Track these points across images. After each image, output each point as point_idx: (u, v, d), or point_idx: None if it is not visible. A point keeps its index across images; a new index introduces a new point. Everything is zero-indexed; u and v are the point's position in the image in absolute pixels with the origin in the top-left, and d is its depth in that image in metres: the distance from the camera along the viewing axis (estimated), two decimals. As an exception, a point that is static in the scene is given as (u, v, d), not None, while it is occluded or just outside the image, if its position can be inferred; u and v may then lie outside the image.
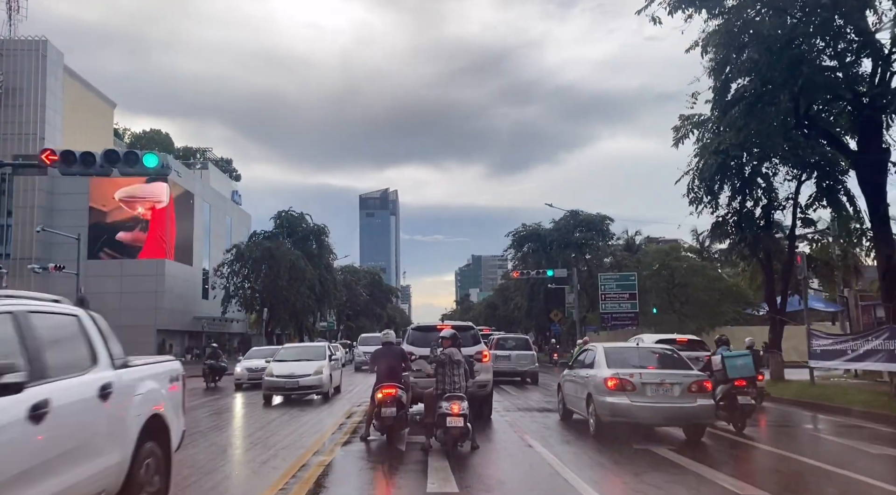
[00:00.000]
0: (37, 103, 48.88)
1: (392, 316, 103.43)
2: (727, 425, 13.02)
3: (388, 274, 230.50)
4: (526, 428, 13.13)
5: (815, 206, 21.78)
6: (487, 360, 14.26)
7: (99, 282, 47.29)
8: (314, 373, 18.97)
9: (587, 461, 9.84)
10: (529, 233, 57.99)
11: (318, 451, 10.58)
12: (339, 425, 13.79)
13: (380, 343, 12.68)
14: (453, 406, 9.86)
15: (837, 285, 28.07)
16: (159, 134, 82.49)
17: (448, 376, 10.46)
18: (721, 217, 22.25)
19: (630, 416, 11.21)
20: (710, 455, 10.55)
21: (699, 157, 21.34)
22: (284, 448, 11.00)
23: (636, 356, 12.65)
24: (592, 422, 11.85)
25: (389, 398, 11.04)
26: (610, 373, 11.51)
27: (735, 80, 16.36)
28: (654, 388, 11.22)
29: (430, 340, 12.07)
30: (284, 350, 21.92)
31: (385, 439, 11.31)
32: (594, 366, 12.36)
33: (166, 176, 17.88)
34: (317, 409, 17.20)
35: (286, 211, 56.07)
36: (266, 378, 19.05)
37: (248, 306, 52.79)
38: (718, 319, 43.11)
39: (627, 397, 11.15)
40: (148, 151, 17.03)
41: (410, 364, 12.17)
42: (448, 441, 9.82)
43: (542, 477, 8.73)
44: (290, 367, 19.24)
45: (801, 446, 11.91)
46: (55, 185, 50.60)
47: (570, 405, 13.77)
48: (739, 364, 13.45)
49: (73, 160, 16.48)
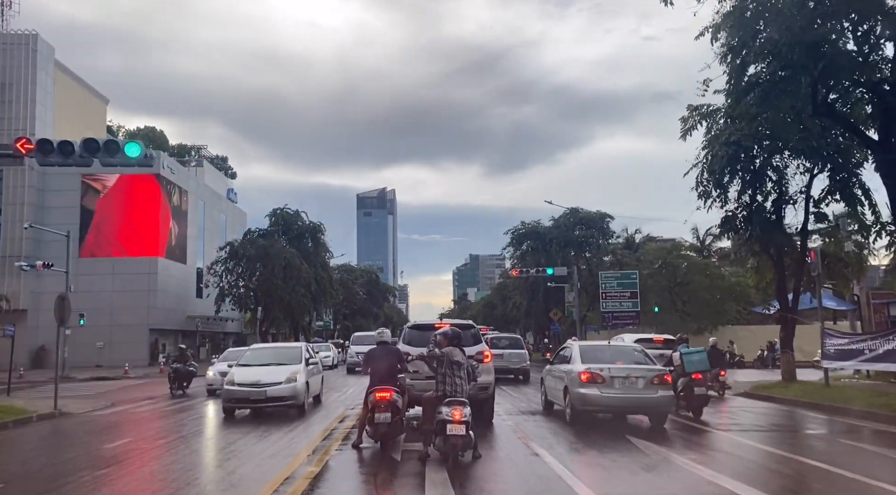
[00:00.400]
0: (27, 98, 47.73)
1: (389, 315, 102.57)
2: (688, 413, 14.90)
3: (385, 273, 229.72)
4: (530, 433, 12.27)
5: (828, 201, 20.95)
6: (489, 361, 13.37)
7: (91, 281, 46.30)
8: (286, 381, 15.40)
9: (601, 473, 9.00)
10: (529, 231, 57.18)
11: (305, 462, 9.71)
12: (331, 430, 12.90)
13: (374, 342, 11.68)
14: (455, 412, 8.92)
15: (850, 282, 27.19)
16: (154, 131, 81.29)
17: (448, 377, 9.53)
18: (730, 211, 21.36)
19: (600, 405, 12.87)
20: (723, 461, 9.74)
21: (707, 150, 20.50)
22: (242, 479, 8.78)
23: (607, 353, 14.23)
24: (568, 411, 13.35)
25: (384, 402, 10.16)
26: (583, 368, 13.00)
27: (752, 64, 15.46)
28: (622, 381, 12.73)
29: (428, 340, 11.03)
30: (252, 352, 18.35)
31: (379, 447, 10.43)
32: (570, 361, 13.92)
33: (150, 166, 16.83)
34: (289, 426, 13.67)
35: (281, 208, 55.15)
36: (226, 387, 15.49)
37: (242, 305, 51.87)
38: (721, 319, 42.44)
39: (598, 388, 12.66)
40: (130, 140, 16.13)
41: (407, 365, 11.29)
42: (448, 450, 8.91)
43: (552, 491, 7.89)
44: (256, 374, 15.75)
45: (759, 434, 12.94)
46: (46, 182, 49.63)
47: (550, 397, 15.32)
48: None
49: (49, 149, 15.61)
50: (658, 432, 12.50)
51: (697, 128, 20.91)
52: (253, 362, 16.82)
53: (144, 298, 49.30)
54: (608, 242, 55.73)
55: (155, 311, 49.85)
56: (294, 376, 15.69)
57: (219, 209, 66.70)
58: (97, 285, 47.03)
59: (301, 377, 15.88)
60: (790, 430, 13.96)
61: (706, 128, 20.72)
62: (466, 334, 12.47)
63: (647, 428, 12.88)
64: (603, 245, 55.19)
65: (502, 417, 14.40)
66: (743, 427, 13.95)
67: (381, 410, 10.11)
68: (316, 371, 18.23)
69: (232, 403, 15.40)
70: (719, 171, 19.75)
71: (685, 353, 15.59)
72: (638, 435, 11.82)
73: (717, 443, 11.78)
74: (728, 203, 21.08)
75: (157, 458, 10.78)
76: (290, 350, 18.20)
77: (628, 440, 11.32)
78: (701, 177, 20.48)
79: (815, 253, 19.08)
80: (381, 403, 10.14)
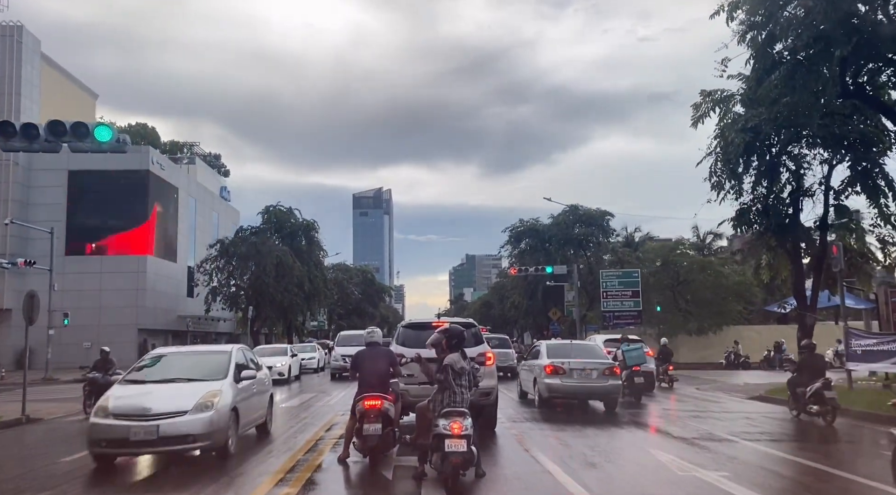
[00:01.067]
0: (11, 91, 46.25)
1: (385, 315, 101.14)
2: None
3: (381, 273, 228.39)
4: (538, 445, 11.01)
5: (848, 192, 19.74)
6: (492, 363, 12.13)
7: (77, 279, 45.08)
8: (194, 409, 9.41)
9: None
10: (527, 229, 55.95)
11: (284, 480, 8.45)
12: (316, 441, 11.61)
13: (363, 343, 10.34)
14: (454, 424, 7.62)
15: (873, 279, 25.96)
16: (145, 128, 79.70)
17: (449, 387, 8.09)
18: (745, 204, 20.11)
19: (561, 392, 15.87)
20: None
21: (720, 138, 19.27)
22: None
23: (570, 349, 17.02)
24: (536, 398, 16.31)
25: (374, 411, 8.90)
26: (548, 362, 15.92)
27: (779, 40, 14.20)
28: (579, 372, 15.60)
29: (424, 340, 9.68)
30: (151, 360, 11.57)
31: (367, 462, 9.17)
32: (538, 357, 16.85)
33: (123, 152, 15.55)
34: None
35: (274, 205, 53.93)
36: (94, 419, 9.43)
37: (233, 304, 50.56)
38: (725, 318, 41.25)
39: (559, 378, 15.57)
40: (100, 123, 14.85)
41: (400, 368, 10.03)
42: (447, 469, 7.63)
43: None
44: (145, 397, 9.76)
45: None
46: (32, 179, 48.30)
47: (524, 387, 18.22)
48: (634, 355, 19.10)
49: (12, 132, 14.31)
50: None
51: (710, 116, 19.71)
52: (149, 378, 10.66)
53: (133, 297, 47.98)
54: (609, 241, 54.64)
55: (144, 311, 48.52)
56: (210, 401, 9.56)
57: (211, 207, 65.37)
58: (84, 284, 45.79)
59: (224, 400, 9.81)
60: (818, 440, 12.74)
61: (719, 115, 19.50)
62: (467, 333, 11.16)
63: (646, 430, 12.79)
64: (603, 243, 54.07)
65: (501, 420, 13.16)
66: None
67: (370, 420, 8.86)
68: (262, 387, 12.24)
69: (101, 447, 9.27)
70: (735, 160, 18.53)
71: (626, 350, 19.36)
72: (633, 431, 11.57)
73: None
74: (743, 195, 19.86)
75: (119, 473, 9.46)
76: (211, 357, 11.69)
77: (627, 440, 10.46)
78: (715, 167, 19.26)
79: (836, 247, 17.82)
80: (370, 412, 8.88)
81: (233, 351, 11.59)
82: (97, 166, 47.80)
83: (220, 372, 10.63)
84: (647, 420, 14.69)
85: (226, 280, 48.96)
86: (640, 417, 15.33)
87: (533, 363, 17.13)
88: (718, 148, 19.19)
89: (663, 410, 16.94)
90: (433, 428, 7.83)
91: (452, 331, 8.59)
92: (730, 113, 19.41)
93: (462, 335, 8.60)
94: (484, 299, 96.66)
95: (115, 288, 47.40)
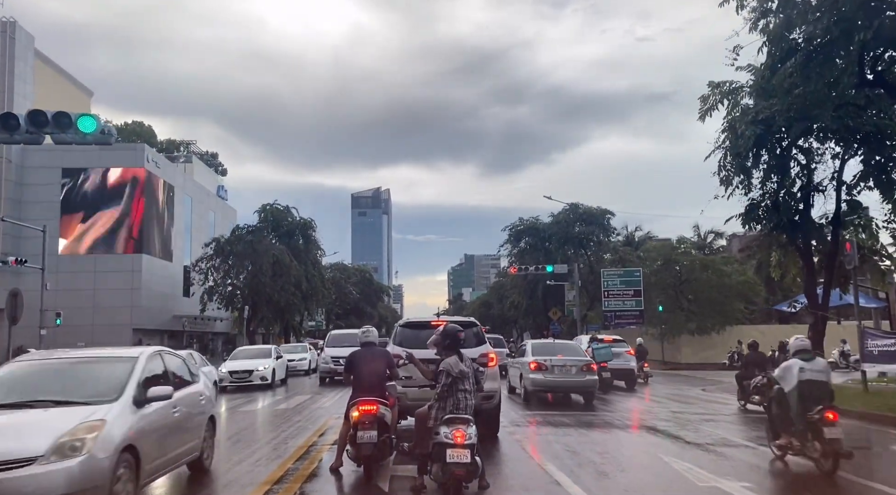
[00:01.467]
0: (3, 87, 45.70)
1: (384, 315, 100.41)
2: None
3: (380, 273, 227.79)
4: (543, 451, 10.37)
5: (861, 188, 19.09)
6: (494, 364, 11.48)
7: (71, 278, 44.31)
8: (50, 453, 5.69)
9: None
10: (527, 228, 55.41)
11: (271, 491, 7.79)
12: (308, 447, 10.95)
13: (357, 343, 9.50)
14: (457, 433, 6.92)
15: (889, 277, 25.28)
16: (141, 126, 79.01)
17: (451, 394, 7.38)
18: (754, 199, 19.48)
19: (544, 387, 17.29)
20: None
21: (728, 131, 18.65)
22: None
23: (553, 348, 18.65)
24: (522, 392, 17.78)
25: (369, 417, 8.23)
26: (532, 359, 17.38)
27: (796, 25, 13.54)
28: (560, 368, 17.16)
29: (423, 340, 8.96)
30: (5, 374, 7.45)
31: (362, 471, 8.51)
32: (524, 354, 18.30)
33: (109, 144, 14.88)
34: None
35: (271, 204, 53.31)
36: None
37: (229, 304, 49.90)
38: (728, 318, 40.57)
39: (542, 374, 17.07)
40: (84, 113, 14.18)
41: (398, 370, 9.36)
42: (449, 481, 6.97)
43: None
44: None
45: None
46: (25, 177, 47.62)
47: (512, 382, 19.79)
48: (602, 353, 21.08)
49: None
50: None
51: (718, 109, 19.09)
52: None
53: (127, 297, 47.34)
54: (609, 239, 54.06)
55: (139, 310, 47.86)
56: (80, 438, 5.94)
57: (207, 206, 64.70)
58: (78, 283, 45.10)
59: (107, 435, 6.16)
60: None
61: (728, 107, 18.87)
62: (468, 333, 10.51)
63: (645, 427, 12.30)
64: (604, 242, 53.48)
65: (502, 424, 12.49)
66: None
67: (364, 427, 8.17)
68: (185, 410, 8.07)
69: None
70: (744, 154, 17.88)
71: (595, 348, 21.48)
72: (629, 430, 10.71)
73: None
74: (752, 190, 19.22)
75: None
76: (103, 366, 7.63)
77: (638, 446, 9.61)
78: (724, 161, 18.62)
79: (850, 244, 17.17)
80: (365, 418, 8.21)
81: (140, 357, 7.64)
82: (91, 164, 47.12)
83: (113, 391, 6.84)
84: (655, 424, 14.03)
85: (222, 279, 48.35)
86: (647, 420, 14.76)
87: (519, 360, 18.84)
88: (727, 141, 18.55)
89: (672, 413, 16.30)
90: (434, 436, 7.13)
91: (446, 330, 7.78)
92: (738, 105, 18.82)
93: (457, 336, 7.72)
94: (483, 299, 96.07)
95: (110, 287, 46.77)
